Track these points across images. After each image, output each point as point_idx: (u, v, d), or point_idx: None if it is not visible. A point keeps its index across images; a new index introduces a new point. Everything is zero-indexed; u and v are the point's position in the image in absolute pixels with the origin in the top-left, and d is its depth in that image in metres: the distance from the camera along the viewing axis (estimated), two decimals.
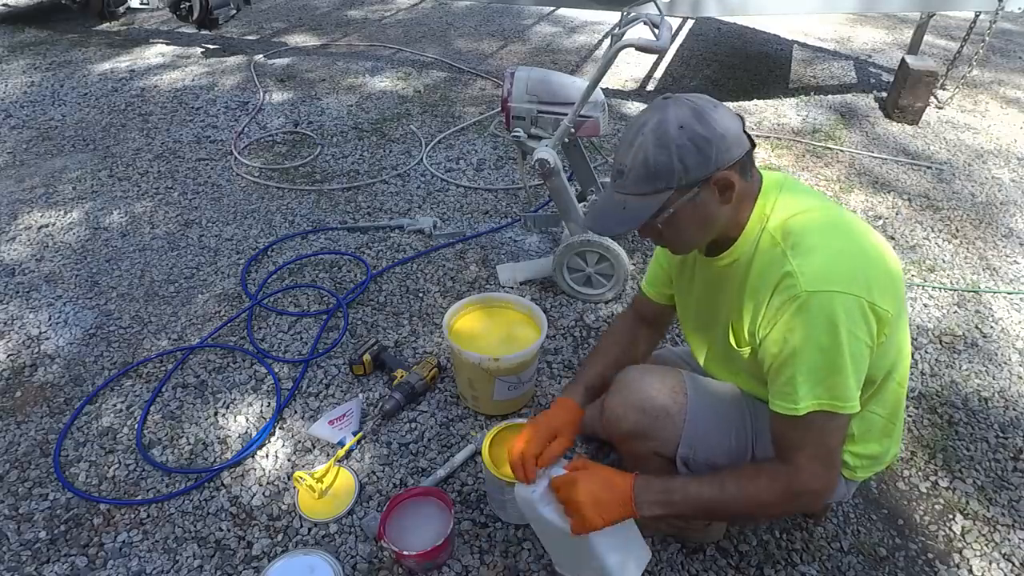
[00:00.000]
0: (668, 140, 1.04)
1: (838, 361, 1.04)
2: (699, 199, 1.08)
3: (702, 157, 1.04)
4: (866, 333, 1.05)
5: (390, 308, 2.26)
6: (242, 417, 1.86)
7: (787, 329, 1.06)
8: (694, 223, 1.12)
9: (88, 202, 2.81)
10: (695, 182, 1.06)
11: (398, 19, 5.10)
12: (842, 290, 1.03)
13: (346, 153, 3.18)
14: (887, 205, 2.83)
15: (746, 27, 4.83)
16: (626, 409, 1.30)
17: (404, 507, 1.53)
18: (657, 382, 1.30)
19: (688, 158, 1.04)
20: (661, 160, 1.04)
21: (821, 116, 3.56)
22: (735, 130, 1.07)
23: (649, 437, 1.29)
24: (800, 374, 1.06)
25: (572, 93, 1.98)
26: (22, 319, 2.20)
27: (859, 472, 1.29)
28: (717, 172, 1.06)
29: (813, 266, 1.05)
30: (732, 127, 1.06)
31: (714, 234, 1.17)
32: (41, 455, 1.76)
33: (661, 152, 1.04)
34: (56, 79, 3.94)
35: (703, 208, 1.09)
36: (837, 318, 1.02)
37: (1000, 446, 1.81)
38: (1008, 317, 2.25)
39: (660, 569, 1.50)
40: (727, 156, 1.06)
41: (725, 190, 1.08)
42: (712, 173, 1.05)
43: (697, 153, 1.04)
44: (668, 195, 1.07)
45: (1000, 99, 3.87)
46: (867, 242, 1.12)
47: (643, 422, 1.28)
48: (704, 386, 1.33)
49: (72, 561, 1.52)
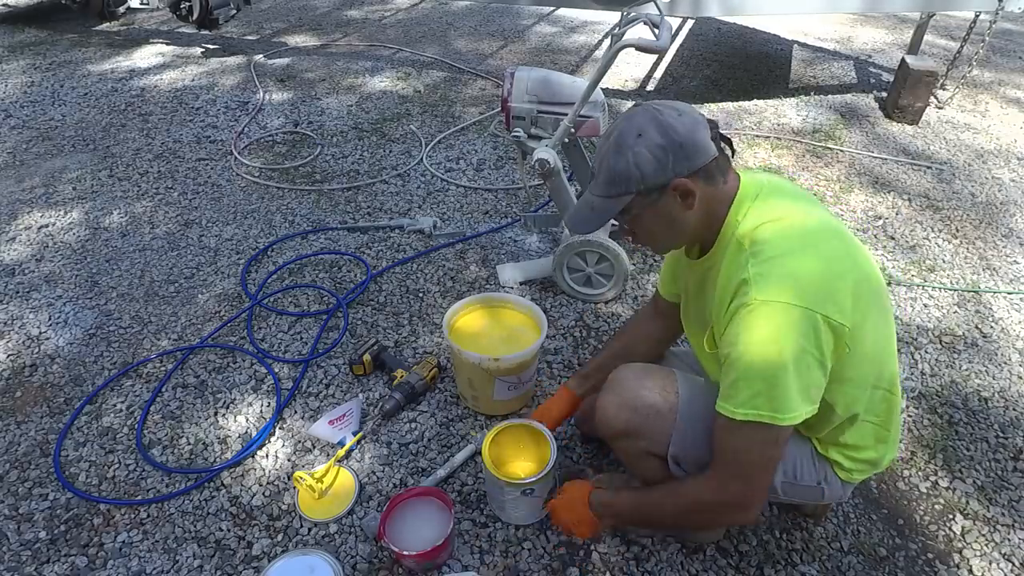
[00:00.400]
0: (626, 147, 1.10)
1: (780, 373, 1.04)
2: (660, 204, 1.13)
3: (658, 165, 1.09)
4: (815, 346, 1.05)
5: (390, 308, 2.26)
6: (242, 417, 1.86)
7: (735, 334, 1.08)
8: (659, 225, 1.18)
9: (88, 202, 2.81)
10: (653, 188, 1.11)
11: (398, 19, 5.10)
12: (793, 302, 1.04)
13: (346, 153, 3.18)
14: (887, 205, 2.83)
15: (746, 27, 4.83)
16: (618, 408, 1.31)
17: (404, 507, 1.53)
18: (648, 381, 1.31)
19: (644, 166, 1.09)
20: (620, 167, 1.11)
21: (821, 116, 3.56)
22: (697, 140, 1.09)
23: (640, 436, 1.31)
24: (742, 380, 1.08)
25: (572, 93, 1.98)
26: (22, 319, 2.20)
27: (855, 475, 1.29)
28: (675, 179, 1.10)
29: (769, 276, 1.06)
30: (695, 137, 1.09)
31: (687, 237, 1.21)
32: (41, 455, 1.76)
33: (619, 159, 1.11)
34: (56, 79, 3.94)
35: (665, 212, 1.14)
36: (784, 330, 1.04)
37: (1000, 446, 1.81)
38: (1008, 317, 2.26)
39: (660, 569, 1.50)
40: (686, 164, 1.09)
41: (685, 196, 1.12)
42: (670, 180, 1.10)
43: (653, 161, 1.09)
44: (629, 198, 1.14)
45: (1000, 99, 3.87)
46: (835, 252, 1.12)
47: (634, 421, 1.30)
48: (697, 386, 1.34)
49: (72, 561, 1.52)
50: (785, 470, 1.28)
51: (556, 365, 2.03)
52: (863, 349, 1.12)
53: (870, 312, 1.12)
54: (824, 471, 1.29)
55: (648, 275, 2.40)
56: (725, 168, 1.15)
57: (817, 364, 1.06)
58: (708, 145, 1.10)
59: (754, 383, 1.06)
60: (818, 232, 1.13)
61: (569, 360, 2.05)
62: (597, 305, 2.25)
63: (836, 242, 1.13)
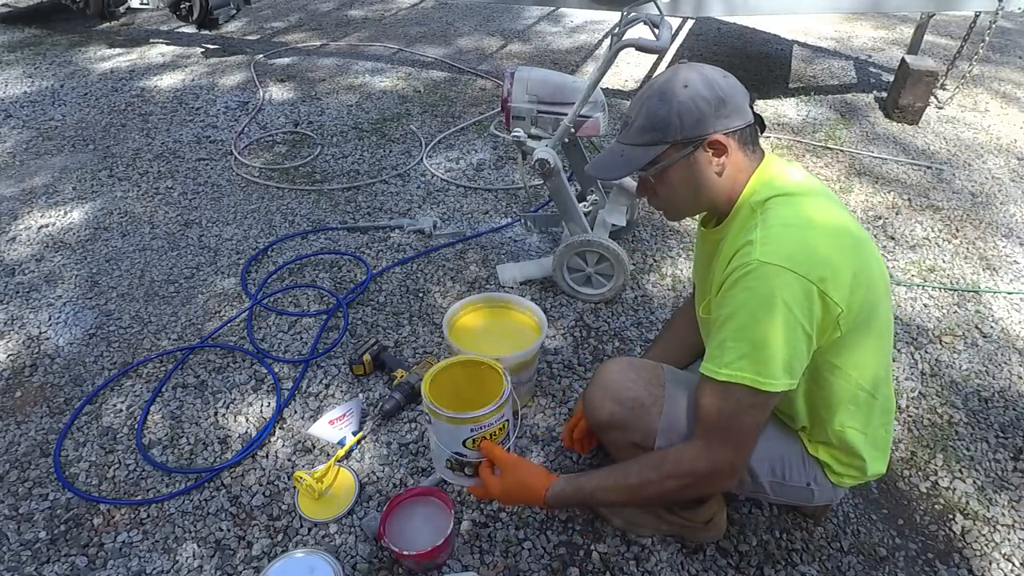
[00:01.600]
0: (671, 96, 1.10)
1: (770, 336, 1.04)
2: (692, 158, 1.13)
3: (699, 116, 1.09)
4: (806, 317, 1.04)
5: (390, 308, 2.26)
6: (242, 417, 1.86)
7: (731, 293, 1.08)
8: (685, 182, 1.16)
9: (88, 202, 2.81)
10: (690, 140, 1.11)
11: (398, 19, 5.10)
12: (792, 268, 1.03)
13: (346, 153, 3.18)
14: (887, 205, 2.83)
15: (746, 27, 4.83)
16: (603, 400, 1.32)
17: (404, 507, 1.53)
18: (633, 374, 1.32)
19: (686, 115, 1.09)
20: (661, 114, 1.11)
21: (821, 116, 3.56)
22: (739, 101, 1.11)
23: (626, 428, 1.31)
24: (731, 339, 1.07)
25: (572, 93, 1.98)
26: (22, 319, 2.20)
27: (845, 479, 1.29)
28: (713, 133, 1.10)
29: (773, 240, 1.06)
30: (736, 98, 1.10)
31: (706, 203, 1.20)
32: (41, 455, 1.76)
33: (662, 106, 1.11)
34: (56, 79, 3.94)
35: (695, 168, 1.14)
36: (779, 293, 1.03)
37: (1000, 446, 1.81)
38: (1008, 317, 2.25)
39: (660, 569, 1.50)
40: (725, 122, 1.10)
41: (719, 153, 1.12)
42: (707, 134, 1.10)
43: (695, 112, 1.09)
44: (663, 148, 1.13)
45: (1000, 99, 3.87)
46: (845, 242, 1.11)
47: (619, 413, 1.30)
48: (684, 380, 1.33)
49: (72, 561, 1.52)
50: (773, 469, 1.27)
51: (556, 365, 2.03)
52: (855, 341, 1.11)
53: (870, 314, 1.12)
54: (814, 472, 1.28)
55: (648, 275, 2.40)
56: (755, 139, 1.17)
57: (804, 336, 1.06)
58: (746, 108, 1.12)
59: (741, 345, 1.06)
60: (834, 221, 1.13)
61: (569, 360, 2.05)
62: (597, 305, 2.25)
63: (849, 238, 1.13)
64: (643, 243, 2.56)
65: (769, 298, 1.04)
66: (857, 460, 1.26)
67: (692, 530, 1.53)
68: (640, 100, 1.15)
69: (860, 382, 1.18)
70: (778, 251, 1.05)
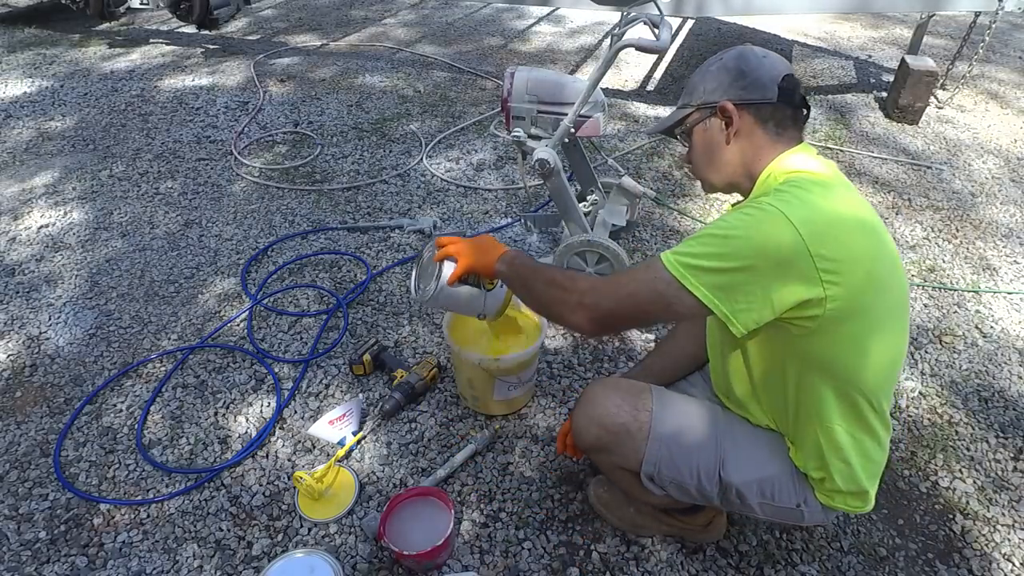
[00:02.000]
0: (706, 66, 1.22)
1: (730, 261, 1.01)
2: (708, 124, 1.21)
3: (718, 84, 1.18)
4: (778, 274, 1.00)
5: (390, 308, 2.26)
6: (242, 417, 1.86)
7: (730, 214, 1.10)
8: (703, 146, 1.24)
9: (88, 202, 2.81)
10: (707, 105, 1.19)
11: (398, 19, 5.10)
12: (795, 224, 0.99)
13: (346, 153, 3.18)
14: (887, 205, 2.83)
15: (746, 27, 4.83)
16: (588, 423, 1.32)
17: (404, 507, 1.53)
18: (618, 399, 1.30)
19: (709, 81, 1.19)
20: (695, 80, 1.23)
21: (821, 116, 3.56)
22: (762, 77, 1.15)
23: (611, 452, 1.31)
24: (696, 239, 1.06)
25: (572, 93, 1.97)
26: (22, 319, 2.20)
27: (836, 500, 1.22)
28: (724, 101, 1.16)
29: (787, 195, 1.05)
30: (760, 74, 1.15)
31: (725, 173, 1.22)
32: (41, 455, 1.76)
33: (697, 74, 1.24)
34: (56, 79, 3.94)
35: (709, 134, 1.21)
36: (767, 234, 1.00)
37: (1000, 446, 1.81)
38: (1008, 317, 2.26)
39: (660, 569, 1.50)
40: (742, 92, 1.16)
41: (728, 123, 1.17)
42: (720, 100, 1.17)
43: (716, 79, 1.18)
44: (690, 111, 1.23)
45: (1000, 99, 3.87)
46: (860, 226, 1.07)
47: (604, 438, 1.30)
48: (672, 405, 1.32)
49: (72, 561, 1.52)
50: (763, 491, 1.25)
51: (556, 365, 2.03)
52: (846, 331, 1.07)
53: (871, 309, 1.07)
54: (804, 494, 1.24)
55: None
56: (785, 123, 1.17)
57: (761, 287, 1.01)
58: (770, 87, 1.15)
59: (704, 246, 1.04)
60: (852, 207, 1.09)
61: (569, 360, 2.05)
62: None
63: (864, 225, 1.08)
64: (643, 243, 2.56)
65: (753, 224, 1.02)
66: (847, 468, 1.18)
67: (691, 532, 1.53)
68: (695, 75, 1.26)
69: (857, 383, 1.12)
70: (788, 207, 1.02)
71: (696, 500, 1.32)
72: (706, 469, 1.26)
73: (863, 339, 1.10)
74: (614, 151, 3.14)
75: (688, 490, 1.29)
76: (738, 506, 1.29)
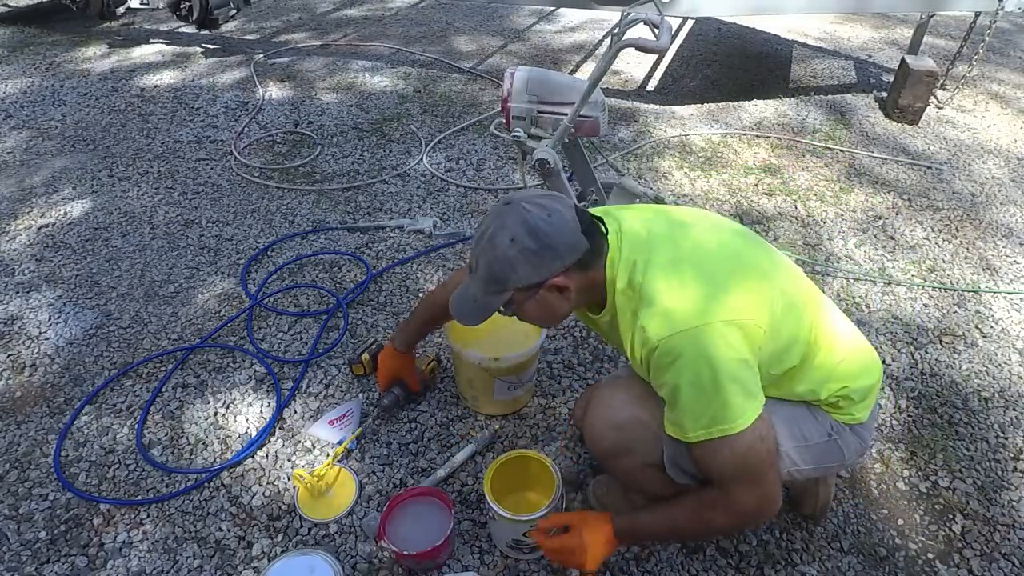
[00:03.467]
0: (501, 253, 1.14)
1: (713, 392, 1.09)
2: (538, 297, 1.19)
3: (532, 268, 1.14)
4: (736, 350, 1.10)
5: (390, 308, 2.26)
6: (242, 417, 1.86)
7: (660, 378, 1.14)
8: (541, 313, 1.23)
9: (88, 202, 2.81)
10: (531, 286, 1.16)
11: (398, 19, 5.10)
12: (691, 325, 1.09)
13: (346, 153, 3.18)
14: (887, 205, 2.83)
15: (746, 27, 4.83)
16: (603, 428, 1.32)
17: (404, 507, 1.53)
18: (622, 393, 1.32)
19: (520, 269, 1.14)
20: (496, 269, 1.16)
21: (821, 116, 3.56)
22: (567, 239, 1.14)
23: (632, 451, 1.30)
24: (682, 412, 1.13)
25: (572, 93, 1.98)
26: (22, 319, 2.20)
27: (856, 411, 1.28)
28: (550, 279, 1.15)
29: (657, 315, 1.12)
30: (564, 237, 1.14)
31: (571, 312, 1.26)
32: (41, 455, 1.76)
33: (496, 263, 1.15)
34: (56, 79, 3.94)
35: (545, 303, 1.20)
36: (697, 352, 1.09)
37: (1000, 446, 1.81)
38: (1008, 317, 2.26)
39: (660, 569, 1.50)
40: (559, 264, 1.15)
41: (562, 291, 1.17)
42: (545, 280, 1.15)
43: (527, 265, 1.14)
44: (508, 295, 1.18)
45: (1000, 99, 3.87)
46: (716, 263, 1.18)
47: (620, 438, 1.30)
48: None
49: (72, 561, 1.52)
50: (792, 432, 1.27)
51: (556, 365, 2.03)
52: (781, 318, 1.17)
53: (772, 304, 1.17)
54: (827, 421, 1.28)
55: None
56: (599, 247, 1.19)
57: (743, 364, 1.11)
58: (578, 241, 1.15)
59: (699, 416, 1.11)
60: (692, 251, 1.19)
61: (569, 360, 2.05)
62: None
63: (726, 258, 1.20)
64: None
65: (693, 361, 1.09)
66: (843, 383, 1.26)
67: None
68: (478, 249, 1.19)
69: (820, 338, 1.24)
70: (669, 321, 1.11)
71: None
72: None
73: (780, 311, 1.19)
74: (614, 151, 3.14)
75: None
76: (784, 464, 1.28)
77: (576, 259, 1.16)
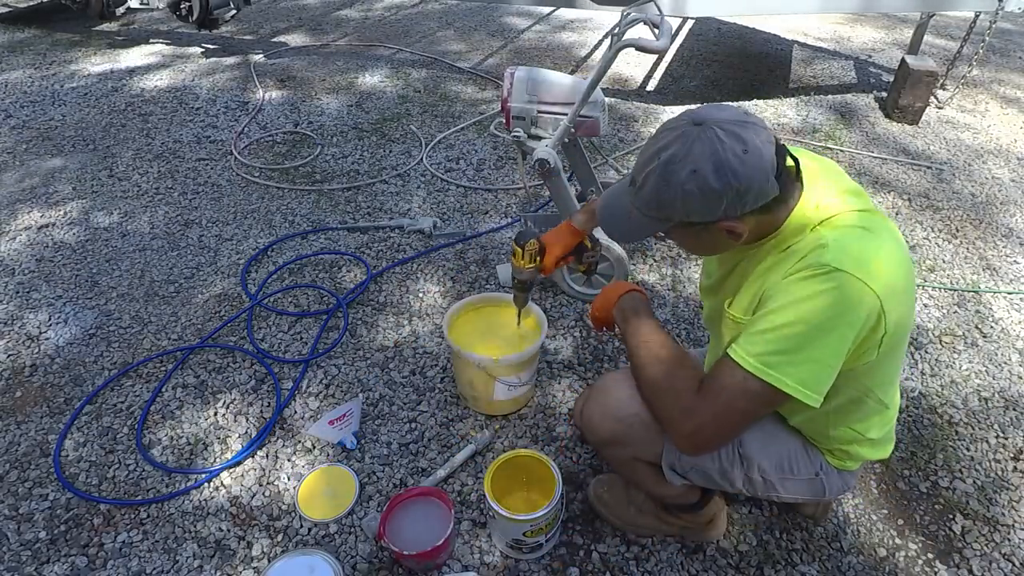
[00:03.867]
0: (677, 181, 0.99)
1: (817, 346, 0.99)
2: (703, 234, 1.08)
3: (707, 208, 1.01)
4: (856, 333, 1.00)
5: (390, 308, 2.26)
6: (242, 417, 1.86)
7: (793, 288, 1.01)
8: (700, 246, 1.16)
9: (88, 202, 2.81)
10: (698, 223, 1.05)
11: (398, 19, 5.10)
12: (867, 281, 0.98)
13: (346, 153, 3.18)
14: (887, 205, 2.83)
15: (746, 27, 4.83)
16: (602, 417, 1.31)
17: (404, 507, 1.53)
18: (629, 389, 1.28)
19: (692, 204, 1.01)
20: (666, 197, 1.02)
21: (821, 116, 3.56)
22: (757, 183, 0.98)
23: (628, 444, 1.30)
24: (773, 332, 1.01)
25: (572, 93, 1.97)
26: (22, 319, 2.20)
27: (848, 463, 1.29)
28: (722, 221, 1.03)
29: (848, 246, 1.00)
30: (754, 181, 0.98)
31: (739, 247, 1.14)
32: (41, 455, 1.76)
33: (667, 190, 1.01)
34: (56, 79, 3.94)
35: (708, 239, 1.10)
36: (843, 304, 0.98)
37: (1000, 446, 1.81)
38: (1008, 317, 2.26)
39: (660, 569, 1.50)
40: (739, 208, 1.01)
41: (732, 234, 1.06)
42: (717, 220, 1.03)
43: (702, 203, 1.00)
44: (670, 224, 1.08)
45: (1000, 99, 3.87)
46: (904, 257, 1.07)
47: (619, 430, 1.29)
48: None
49: (72, 561, 1.52)
50: (781, 464, 1.27)
51: (556, 365, 2.03)
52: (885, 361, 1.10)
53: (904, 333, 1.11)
54: (819, 461, 1.28)
55: (648, 275, 2.40)
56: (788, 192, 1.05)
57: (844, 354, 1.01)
58: (769, 187, 1.00)
59: (783, 342, 1.00)
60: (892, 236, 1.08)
61: (569, 360, 2.05)
62: None
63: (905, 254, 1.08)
64: (643, 243, 2.56)
65: (833, 308, 0.98)
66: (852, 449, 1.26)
67: (693, 531, 1.53)
68: (647, 163, 1.04)
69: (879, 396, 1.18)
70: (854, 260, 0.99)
71: (718, 485, 1.31)
72: (727, 455, 1.27)
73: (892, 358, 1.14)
74: (614, 151, 3.14)
75: (710, 474, 1.28)
76: (761, 486, 1.29)
77: (759, 205, 1.01)
